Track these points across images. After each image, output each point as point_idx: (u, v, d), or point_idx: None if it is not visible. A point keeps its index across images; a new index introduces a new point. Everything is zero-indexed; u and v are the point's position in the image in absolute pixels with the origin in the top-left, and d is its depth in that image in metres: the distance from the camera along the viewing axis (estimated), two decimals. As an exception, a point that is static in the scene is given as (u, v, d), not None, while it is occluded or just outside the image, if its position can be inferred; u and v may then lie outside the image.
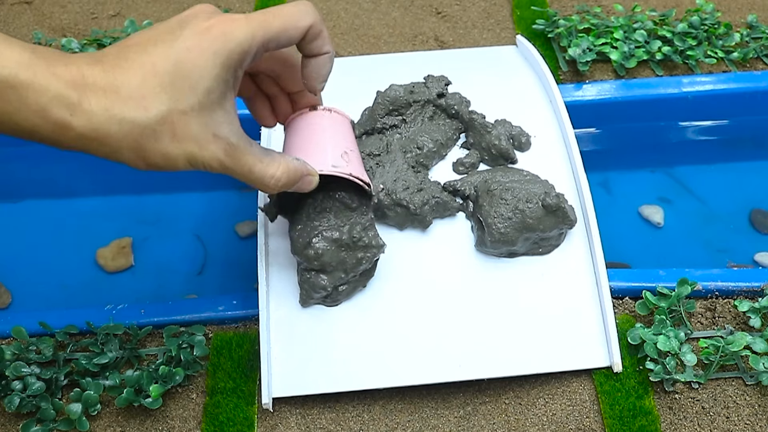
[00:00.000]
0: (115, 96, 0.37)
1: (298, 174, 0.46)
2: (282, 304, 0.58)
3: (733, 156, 0.85)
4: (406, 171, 0.61)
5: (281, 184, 0.45)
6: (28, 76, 0.35)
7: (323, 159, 0.50)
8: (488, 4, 0.92)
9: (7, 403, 0.55)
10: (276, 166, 0.44)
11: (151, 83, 0.38)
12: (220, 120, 0.40)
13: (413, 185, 0.60)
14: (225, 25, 0.40)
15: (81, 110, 0.37)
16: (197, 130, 0.40)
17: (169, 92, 0.38)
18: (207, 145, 0.40)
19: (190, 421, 0.57)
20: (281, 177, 0.45)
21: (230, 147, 0.41)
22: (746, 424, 0.56)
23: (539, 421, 0.56)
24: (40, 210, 0.82)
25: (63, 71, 0.36)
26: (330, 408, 0.57)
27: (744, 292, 0.63)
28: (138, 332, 0.60)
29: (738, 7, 0.90)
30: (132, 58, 0.38)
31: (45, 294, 0.74)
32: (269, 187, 0.45)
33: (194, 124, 0.39)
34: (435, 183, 0.62)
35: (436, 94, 0.65)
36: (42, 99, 0.36)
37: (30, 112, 0.36)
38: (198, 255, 0.77)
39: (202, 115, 0.39)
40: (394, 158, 0.62)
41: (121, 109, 0.37)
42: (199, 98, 0.39)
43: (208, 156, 0.41)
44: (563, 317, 0.58)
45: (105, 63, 0.38)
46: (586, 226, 0.62)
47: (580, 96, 0.79)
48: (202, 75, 0.39)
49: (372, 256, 0.55)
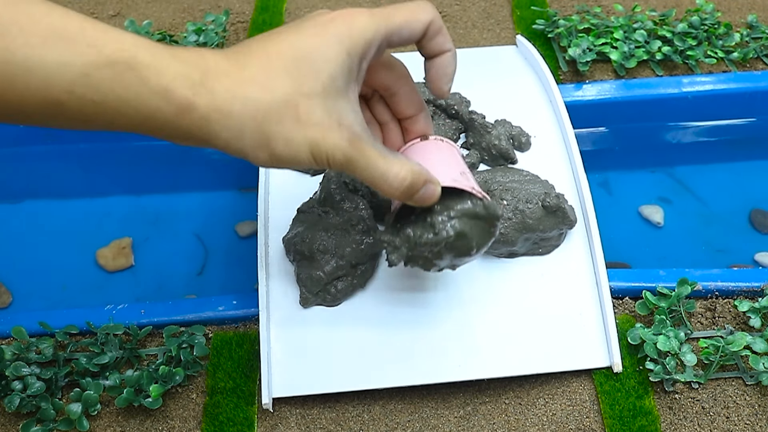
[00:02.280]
0: (239, 78, 0.37)
1: (422, 178, 0.43)
2: (282, 304, 0.58)
3: (733, 156, 0.85)
4: (406, 171, 0.61)
5: (406, 185, 0.42)
6: (147, 57, 0.35)
7: (442, 175, 0.46)
8: (488, 4, 0.92)
9: (7, 403, 0.55)
10: (400, 165, 0.41)
11: (275, 66, 0.37)
12: (344, 107, 0.39)
13: (413, 185, 0.60)
14: (349, 15, 0.40)
15: (204, 89, 0.36)
16: (321, 115, 0.38)
17: (293, 76, 0.38)
18: (331, 132, 0.39)
19: (190, 421, 0.57)
20: (406, 176, 0.42)
21: (354, 136, 0.40)
22: (746, 424, 0.56)
23: (539, 421, 0.56)
24: (40, 210, 0.82)
25: (183, 54, 0.36)
26: (330, 408, 0.57)
27: (744, 292, 0.63)
28: (138, 332, 0.60)
29: (738, 7, 0.90)
30: (254, 47, 0.39)
31: (45, 294, 0.74)
32: (393, 186, 0.42)
33: (318, 108, 0.38)
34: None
35: (436, 94, 0.65)
36: (164, 79, 0.35)
37: (151, 93, 0.35)
38: (198, 255, 0.77)
39: (326, 100, 0.38)
40: (394, 158, 0.62)
41: (244, 89, 0.37)
42: (323, 83, 0.38)
43: (331, 144, 0.39)
44: (563, 317, 0.58)
45: (226, 52, 0.38)
46: (586, 226, 0.62)
47: (580, 96, 0.79)
48: (326, 60, 0.38)
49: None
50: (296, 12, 0.91)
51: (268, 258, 0.60)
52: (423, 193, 0.44)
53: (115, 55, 0.34)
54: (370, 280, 0.59)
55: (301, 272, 0.57)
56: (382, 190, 0.42)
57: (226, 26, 0.88)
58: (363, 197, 0.60)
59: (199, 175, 0.84)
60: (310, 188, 0.62)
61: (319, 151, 0.39)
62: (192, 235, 0.78)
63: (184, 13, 0.91)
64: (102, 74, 0.34)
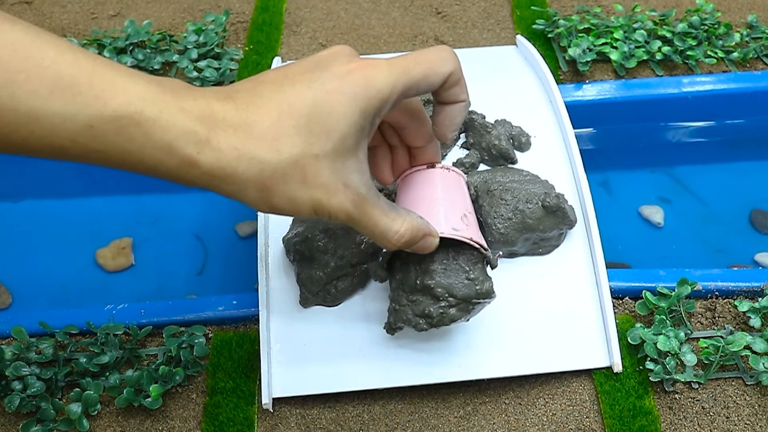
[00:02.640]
0: (247, 135, 0.36)
1: (421, 233, 0.44)
2: (282, 304, 0.58)
3: (733, 156, 0.85)
4: (406, 171, 0.61)
5: (404, 241, 0.43)
6: (154, 113, 0.34)
7: (444, 221, 0.47)
8: (488, 4, 0.92)
9: (7, 403, 0.55)
10: (401, 222, 0.43)
11: (286, 124, 0.36)
12: (351, 168, 0.39)
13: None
14: (367, 70, 0.38)
15: (209, 147, 0.35)
16: (328, 176, 0.38)
17: (303, 135, 0.36)
18: (336, 194, 0.38)
19: (190, 421, 0.57)
20: (405, 233, 0.43)
21: (359, 198, 0.40)
22: (746, 424, 0.56)
23: (539, 421, 0.56)
24: (40, 210, 0.82)
25: (191, 105, 0.35)
26: (330, 408, 0.57)
27: (744, 292, 0.63)
28: (138, 332, 0.60)
29: (738, 7, 0.90)
30: (267, 96, 0.37)
31: (45, 294, 0.74)
32: (391, 242, 0.43)
33: (326, 170, 0.38)
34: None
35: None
36: (168, 135, 0.35)
37: (155, 149, 0.35)
38: (198, 255, 0.77)
39: (335, 162, 0.38)
40: (394, 158, 0.62)
41: (251, 148, 0.36)
42: (334, 144, 0.37)
43: (335, 205, 0.39)
44: (563, 317, 0.58)
45: (237, 99, 0.37)
46: (586, 227, 0.62)
47: (580, 96, 0.79)
48: (339, 120, 0.37)
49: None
50: (296, 12, 0.91)
51: (268, 258, 0.60)
52: (421, 245, 0.45)
53: (121, 109, 0.34)
54: (370, 280, 0.59)
55: (301, 272, 0.57)
56: (381, 244, 0.44)
57: (226, 26, 0.88)
58: None
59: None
60: (310, 188, 0.62)
61: (322, 210, 0.39)
62: (192, 235, 0.78)
63: (184, 13, 0.91)
64: (106, 127, 0.34)
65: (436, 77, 0.41)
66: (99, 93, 0.34)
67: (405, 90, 0.39)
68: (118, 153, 0.35)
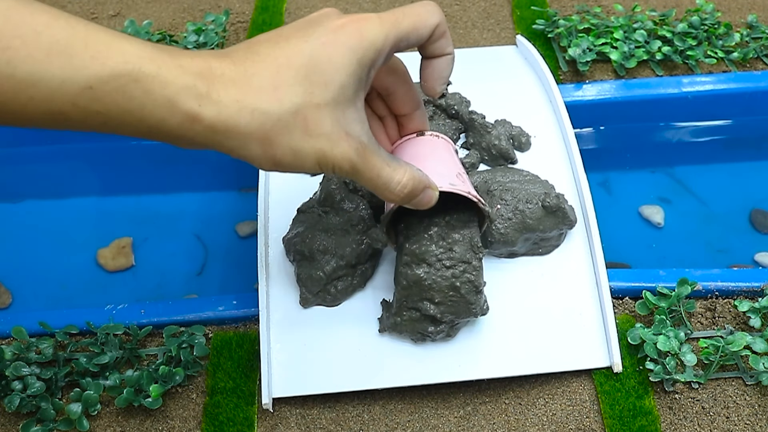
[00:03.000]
0: (247, 87, 0.36)
1: (422, 185, 0.44)
2: (282, 304, 0.58)
3: (733, 156, 0.85)
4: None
5: (407, 191, 0.43)
6: (152, 69, 0.34)
7: (440, 178, 0.48)
8: (488, 4, 0.92)
9: (7, 403, 0.55)
10: (403, 172, 0.43)
11: (285, 75, 0.37)
12: (352, 117, 0.39)
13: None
14: (359, 23, 0.39)
15: (210, 101, 0.35)
16: (330, 126, 0.38)
17: (303, 85, 0.37)
18: (339, 143, 0.39)
19: (190, 421, 0.57)
20: (407, 183, 0.43)
21: (361, 146, 0.40)
22: (746, 424, 0.56)
23: (539, 421, 0.56)
24: (40, 210, 0.82)
25: (189, 63, 0.35)
26: (330, 408, 0.57)
27: (744, 292, 0.63)
28: (138, 332, 0.60)
29: (738, 7, 0.90)
30: (263, 52, 0.37)
31: (45, 294, 0.74)
32: (394, 193, 0.43)
33: (327, 119, 0.38)
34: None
35: (436, 94, 0.65)
36: (169, 90, 0.35)
37: (156, 105, 0.35)
38: (198, 255, 0.77)
39: (336, 111, 0.38)
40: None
41: (252, 100, 0.36)
42: (333, 93, 0.38)
43: (339, 154, 0.39)
44: (563, 317, 0.58)
45: (234, 57, 0.37)
46: (586, 227, 0.62)
47: (580, 96, 0.79)
48: (337, 70, 0.38)
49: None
50: (296, 12, 0.91)
51: (268, 258, 0.60)
52: (421, 199, 0.45)
53: (119, 67, 0.34)
54: (370, 280, 0.59)
55: (301, 272, 0.57)
56: (383, 196, 0.43)
57: (226, 26, 0.88)
58: (363, 197, 0.60)
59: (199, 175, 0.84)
60: (310, 188, 0.62)
61: (326, 161, 0.39)
62: (192, 235, 0.78)
63: (184, 13, 0.91)
64: (106, 87, 0.34)
65: (424, 29, 0.41)
66: (95, 54, 0.34)
67: (396, 42, 0.40)
68: (118, 113, 0.35)
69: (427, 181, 0.45)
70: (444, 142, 0.52)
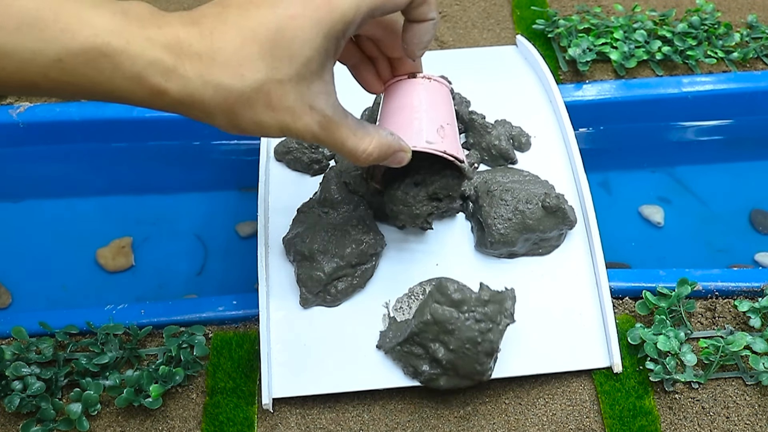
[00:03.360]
0: (211, 62, 0.36)
1: (391, 150, 0.45)
2: (282, 304, 0.58)
3: (733, 156, 0.85)
4: (406, 171, 0.61)
5: (372, 158, 0.44)
6: (120, 44, 0.35)
7: (418, 134, 0.48)
8: (488, 4, 0.92)
9: (7, 403, 0.55)
10: (369, 140, 0.44)
11: (250, 50, 0.37)
12: (317, 90, 0.39)
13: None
14: None
15: (176, 75, 0.36)
16: (293, 100, 0.39)
17: (267, 60, 0.37)
18: (302, 116, 0.39)
19: (190, 421, 0.57)
20: (373, 151, 0.44)
21: (325, 119, 0.40)
22: (746, 424, 0.56)
23: (539, 421, 0.56)
24: (40, 210, 0.82)
25: (157, 34, 0.36)
26: (330, 408, 0.57)
27: (744, 292, 0.63)
28: (138, 332, 0.60)
29: (738, 7, 0.90)
30: (231, 21, 0.37)
31: (45, 294, 0.74)
32: (360, 160, 0.44)
33: (291, 94, 0.38)
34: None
35: (436, 94, 0.65)
36: (136, 66, 0.35)
37: (124, 79, 0.35)
38: (198, 255, 0.77)
39: (300, 85, 0.38)
40: (394, 158, 0.62)
41: (216, 75, 0.36)
42: (297, 68, 0.38)
43: (301, 127, 0.40)
44: (563, 317, 0.58)
45: (202, 25, 0.37)
46: (586, 227, 0.62)
47: (580, 96, 0.79)
48: (303, 45, 0.37)
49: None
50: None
51: (268, 258, 0.60)
52: (392, 161, 0.47)
53: (89, 41, 0.34)
54: (370, 280, 0.59)
55: (301, 272, 0.57)
56: (352, 162, 0.45)
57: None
58: (363, 197, 0.60)
59: (199, 175, 0.84)
60: (310, 188, 0.62)
61: (289, 131, 0.40)
62: (192, 235, 0.78)
63: (184, 13, 0.91)
64: (75, 60, 0.35)
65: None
66: (65, 26, 0.34)
67: (370, 12, 0.40)
68: (89, 84, 0.36)
69: (396, 145, 0.46)
70: (437, 85, 0.51)
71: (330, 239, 0.57)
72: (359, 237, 0.57)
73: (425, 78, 0.51)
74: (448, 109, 0.52)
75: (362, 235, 0.57)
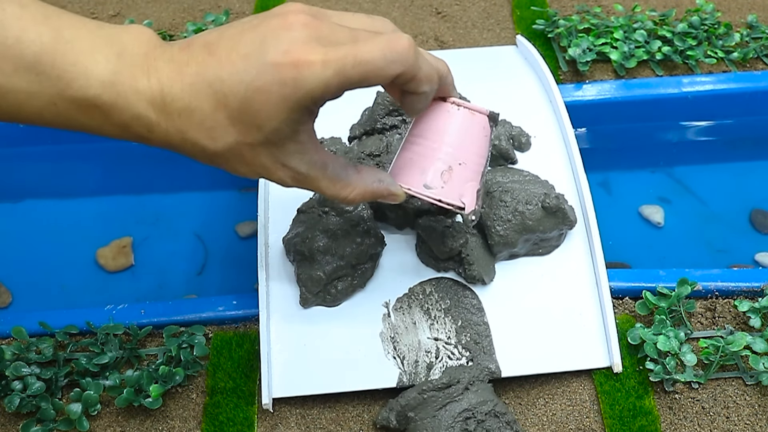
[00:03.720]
0: (189, 122, 0.38)
1: (376, 196, 0.46)
2: (282, 304, 0.58)
3: (733, 156, 0.85)
4: (406, 171, 0.61)
5: (357, 202, 0.46)
6: (110, 97, 0.37)
7: (421, 174, 0.47)
8: (488, 4, 0.92)
9: (7, 403, 0.55)
10: (350, 190, 0.45)
11: (221, 115, 0.38)
12: (290, 151, 0.41)
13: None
14: (299, 68, 0.36)
15: (159, 130, 0.39)
16: (265, 159, 0.40)
17: (237, 126, 0.38)
18: (276, 172, 0.42)
19: (190, 421, 0.57)
20: (355, 198, 0.45)
21: (299, 176, 0.42)
22: (746, 424, 0.56)
23: (539, 421, 0.56)
24: (40, 210, 0.82)
25: (145, 87, 0.37)
26: (330, 408, 0.57)
27: (744, 292, 0.63)
28: (138, 332, 0.60)
29: (738, 7, 0.90)
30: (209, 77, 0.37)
31: (45, 294, 0.74)
32: (341, 204, 0.46)
33: (262, 155, 0.40)
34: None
35: (436, 94, 0.65)
36: (123, 117, 0.38)
37: (113, 126, 0.38)
38: (198, 255, 0.77)
39: (270, 148, 0.40)
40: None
41: (193, 135, 0.39)
42: (266, 135, 0.39)
43: (277, 179, 0.42)
44: (563, 317, 0.58)
45: (184, 74, 0.38)
46: (586, 227, 0.62)
47: (580, 96, 0.79)
48: (268, 117, 0.38)
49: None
50: (296, 12, 0.91)
51: (268, 258, 0.60)
52: (384, 200, 0.47)
53: (81, 92, 0.36)
54: (370, 280, 0.59)
55: (301, 272, 0.57)
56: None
57: (226, 26, 0.87)
58: None
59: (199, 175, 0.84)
60: (310, 188, 0.62)
61: (267, 178, 0.43)
62: (192, 235, 0.78)
63: (184, 13, 0.91)
64: (69, 106, 0.37)
65: (377, 79, 0.39)
66: (61, 73, 0.36)
67: (341, 88, 0.39)
68: (81, 127, 0.39)
69: (384, 191, 0.46)
70: (466, 114, 0.47)
71: (330, 239, 0.57)
72: (359, 237, 0.57)
73: (455, 105, 0.47)
74: (469, 144, 0.47)
75: (362, 236, 0.57)
